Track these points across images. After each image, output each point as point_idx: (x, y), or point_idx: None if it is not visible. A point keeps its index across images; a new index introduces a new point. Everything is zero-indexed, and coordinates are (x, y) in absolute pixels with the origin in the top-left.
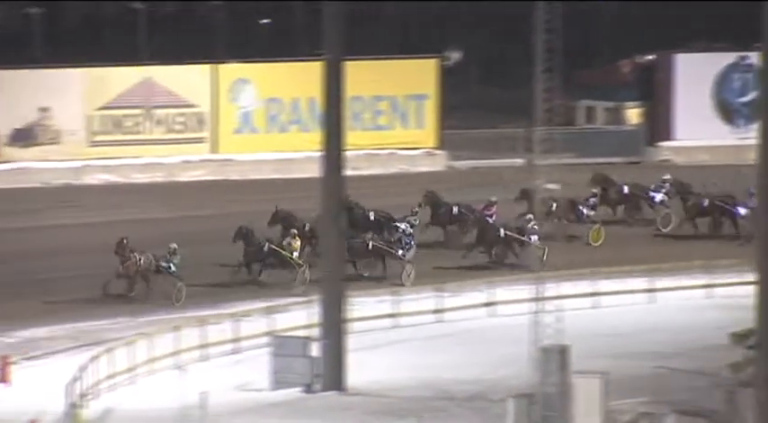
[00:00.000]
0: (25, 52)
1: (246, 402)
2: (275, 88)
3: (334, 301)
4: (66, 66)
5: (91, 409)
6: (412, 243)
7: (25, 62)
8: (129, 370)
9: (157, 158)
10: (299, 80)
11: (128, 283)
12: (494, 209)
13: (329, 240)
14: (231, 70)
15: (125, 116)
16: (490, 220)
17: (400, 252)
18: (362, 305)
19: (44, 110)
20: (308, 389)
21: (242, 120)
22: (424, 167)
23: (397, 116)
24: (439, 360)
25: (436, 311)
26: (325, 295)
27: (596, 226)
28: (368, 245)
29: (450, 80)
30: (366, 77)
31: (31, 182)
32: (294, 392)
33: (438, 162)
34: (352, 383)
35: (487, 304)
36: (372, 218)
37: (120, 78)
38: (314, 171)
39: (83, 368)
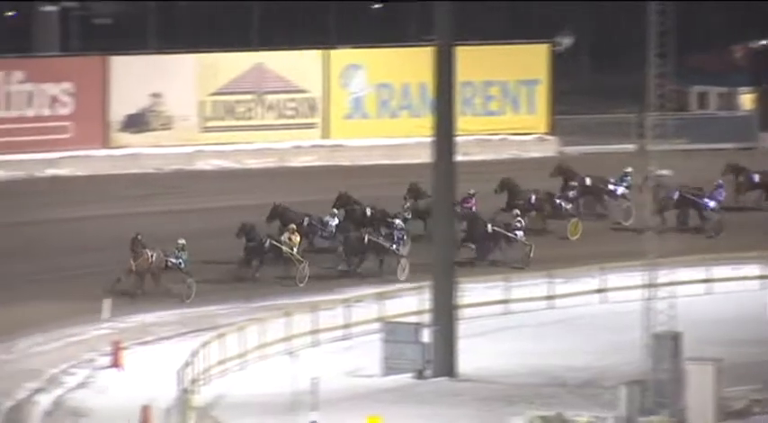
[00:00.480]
0: (138, 38)
1: (357, 388)
2: (386, 74)
3: (444, 287)
4: (179, 52)
5: (202, 394)
6: (405, 238)
7: (138, 48)
8: (241, 356)
9: (269, 144)
10: (410, 65)
11: (136, 279)
12: (472, 201)
13: (439, 226)
14: (343, 56)
15: (237, 102)
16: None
17: (395, 247)
18: (473, 291)
19: (156, 96)
20: (419, 375)
21: (353, 105)
22: (535, 153)
23: (508, 101)
24: (550, 346)
25: (547, 298)
26: (436, 281)
27: (574, 219)
28: (364, 240)
29: (561, 65)
30: (477, 63)
31: (142, 168)
32: (405, 378)
33: (549, 147)
34: (463, 370)
35: (599, 291)
36: (369, 214)
37: (232, 64)
38: (424, 157)
39: (194, 353)
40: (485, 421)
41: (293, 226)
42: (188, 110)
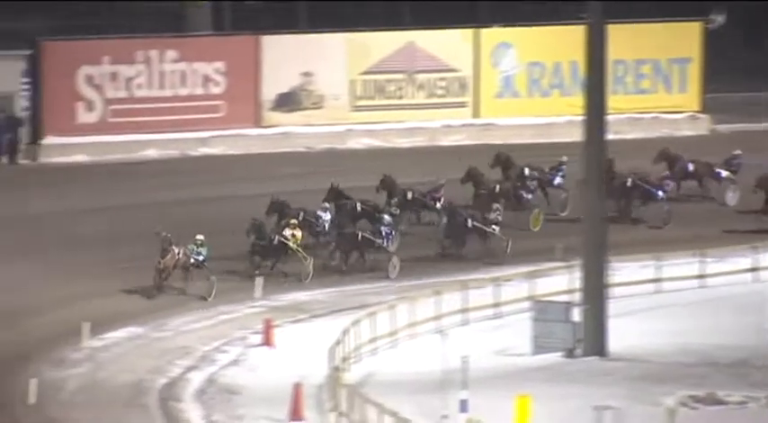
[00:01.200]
0: (289, 18)
1: (507, 367)
2: (537, 52)
3: (595, 266)
4: (330, 31)
5: (353, 372)
6: (394, 234)
7: (289, 28)
8: (391, 334)
9: (419, 123)
10: (561, 44)
11: (161, 277)
12: (441, 192)
13: (591, 205)
14: (493, 34)
15: (388, 81)
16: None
17: (385, 243)
18: (623, 270)
19: (308, 75)
20: (569, 354)
21: (503, 84)
22: (687, 132)
23: (659, 80)
24: (701, 326)
25: (699, 277)
26: (587, 261)
27: (536, 210)
28: (357, 236)
29: (713, 43)
30: (629, 41)
31: (293, 146)
32: (555, 357)
33: (701, 126)
34: (613, 349)
35: (752, 269)
36: (359, 209)
37: (383, 43)
38: (575, 135)
39: (345, 332)
40: (636, 401)
41: (294, 221)
42: (339, 89)
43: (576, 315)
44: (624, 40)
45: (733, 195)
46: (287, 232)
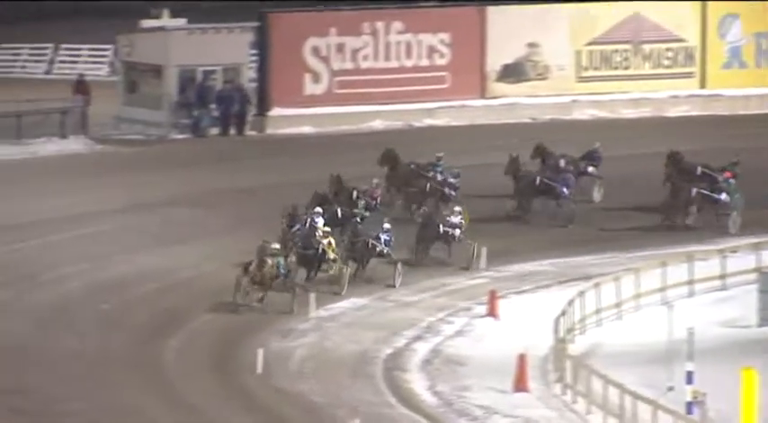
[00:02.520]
0: None
1: (732, 339)
2: (764, 23)
3: None
4: (555, 1)
5: (577, 343)
6: (392, 239)
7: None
8: (616, 305)
9: (645, 94)
10: None
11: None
12: (378, 192)
13: None
14: (719, 6)
15: (613, 51)
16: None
17: (386, 250)
18: None
19: (533, 46)
20: None
21: (730, 55)
22: None
23: None
24: None
25: None
26: None
27: (461, 208)
28: (368, 243)
29: None
30: None
31: (518, 118)
32: None
33: None
34: None
35: None
36: (340, 215)
37: (609, 14)
38: None
39: (570, 303)
40: None
41: (328, 229)
42: (564, 59)
43: None
44: None
45: (599, 191)
46: (325, 241)
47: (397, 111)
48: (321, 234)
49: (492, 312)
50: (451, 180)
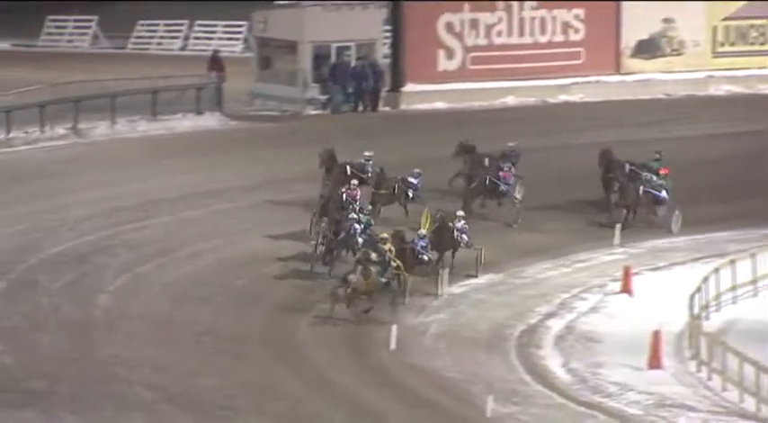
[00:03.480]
0: None
1: None
2: None
3: None
4: None
5: (712, 320)
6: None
7: None
8: (752, 282)
9: None
10: None
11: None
12: (358, 193)
13: None
14: None
15: (750, 26)
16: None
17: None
18: None
19: (668, 21)
20: None
21: None
22: None
23: None
24: None
25: None
26: None
27: (425, 209)
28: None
29: None
30: None
31: (652, 94)
32: None
33: None
34: None
35: None
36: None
37: None
38: None
39: (705, 279)
40: None
41: (385, 235)
42: (699, 35)
43: None
44: None
45: (520, 190)
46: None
47: (531, 87)
48: (380, 240)
49: (626, 289)
50: (412, 180)
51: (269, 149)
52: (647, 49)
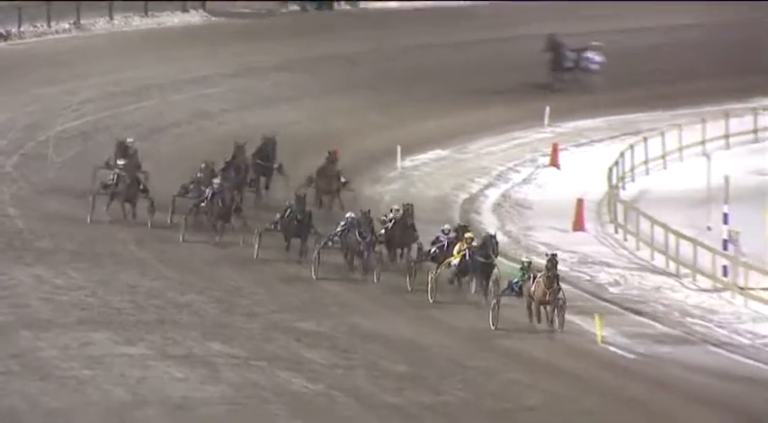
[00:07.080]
0: None
1: (762, 185)
2: None
3: None
4: None
5: (628, 189)
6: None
7: None
8: (662, 157)
9: None
10: None
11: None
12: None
13: None
14: None
15: None
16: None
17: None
18: None
19: None
20: None
21: None
22: None
23: None
24: None
25: None
26: None
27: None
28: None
29: None
30: None
31: None
32: None
33: None
34: None
35: None
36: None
37: None
38: None
39: (622, 154)
40: None
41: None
42: None
43: None
44: None
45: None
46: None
47: None
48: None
49: (554, 163)
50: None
51: (247, 42)
52: None
